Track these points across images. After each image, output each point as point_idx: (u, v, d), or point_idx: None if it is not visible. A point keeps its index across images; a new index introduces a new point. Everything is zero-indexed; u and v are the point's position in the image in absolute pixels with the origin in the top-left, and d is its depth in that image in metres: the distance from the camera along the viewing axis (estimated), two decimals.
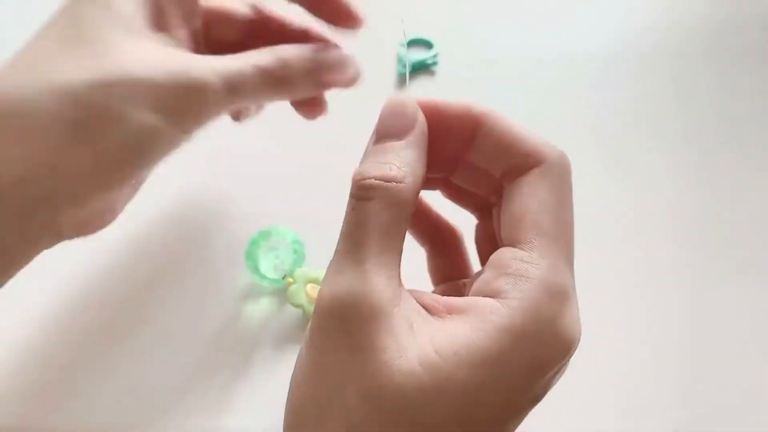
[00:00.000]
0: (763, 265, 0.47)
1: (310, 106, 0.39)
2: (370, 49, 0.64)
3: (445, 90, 0.58)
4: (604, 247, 0.47)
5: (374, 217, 0.21)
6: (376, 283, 0.20)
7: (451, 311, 0.22)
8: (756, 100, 0.58)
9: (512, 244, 0.22)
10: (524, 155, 0.23)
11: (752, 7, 0.66)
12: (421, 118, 0.23)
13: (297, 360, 0.23)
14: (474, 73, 0.60)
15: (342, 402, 0.20)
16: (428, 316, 0.22)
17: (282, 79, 0.30)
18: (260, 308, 0.43)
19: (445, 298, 0.23)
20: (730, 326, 0.44)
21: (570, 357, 0.21)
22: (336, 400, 0.20)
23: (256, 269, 0.43)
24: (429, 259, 0.31)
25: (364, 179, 0.22)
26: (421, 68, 0.59)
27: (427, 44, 0.61)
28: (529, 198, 0.22)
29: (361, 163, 0.23)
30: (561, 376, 0.23)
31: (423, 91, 0.58)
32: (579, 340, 0.21)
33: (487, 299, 0.21)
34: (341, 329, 0.20)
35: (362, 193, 0.22)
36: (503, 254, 0.22)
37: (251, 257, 0.43)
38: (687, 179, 0.52)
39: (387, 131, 0.23)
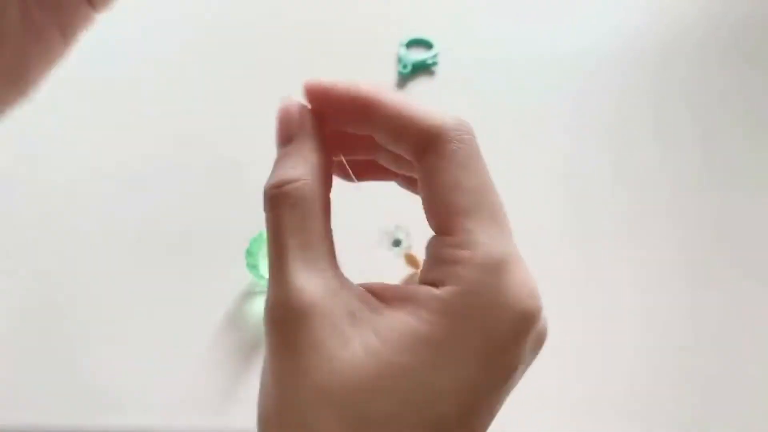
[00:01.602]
0: (763, 265, 0.47)
1: None
2: (370, 49, 0.64)
3: (445, 90, 0.58)
4: (604, 247, 0.47)
5: (284, 222, 0.22)
6: (301, 282, 0.21)
7: (397, 298, 0.22)
8: (758, 100, 0.58)
9: (438, 231, 0.22)
10: (417, 135, 0.23)
11: (756, 6, 0.66)
12: (306, 113, 0.24)
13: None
14: (474, 73, 0.60)
15: (295, 405, 0.20)
16: (375, 303, 0.22)
17: None
18: (260, 307, 0.43)
19: (393, 285, 0.23)
20: (729, 326, 0.44)
21: (532, 323, 0.21)
22: (289, 404, 0.20)
23: (255, 268, 0.43)
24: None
25: (265, 192, 0.23)
26: (421, 68, 0.59)
27: (427, 44, 0.61)
28: (434, 181, 0.22)
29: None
30: (537, 345, 0.22)
31: (423, 91, 0.58)
32: (534, 303, 0.21)
33: (425, 287, 0.21)
34: (280, 336, 0.21)
35: (267, 205, 0.23)
36: (433, 244, 0.22)
37: (251, 255, 0.43)
38: (690, 178, 0.52)
39: (280, 139, 0.24)
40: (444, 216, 0.22)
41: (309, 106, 0.24)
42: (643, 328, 0.44)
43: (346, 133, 0.25)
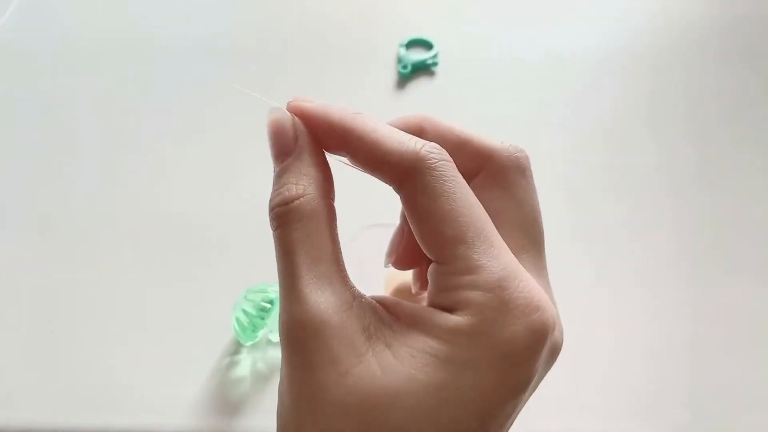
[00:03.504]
0: (763, 265, 0.47)
1: None
2: (370, 49, 0.64)
3: (445, 90, 0.58)
4: (604, 247, 0.47)
5: (292, 238, 0.22)
6: (315, 298, 0.21)
7: (409, 315, 0.22)
8: (755, 101, 0.58)
9: (435, 260, 0.22)
10: (392, 167, 0.22)
11: (752, 7, 0.66)
12: (299, 125, 0.24)
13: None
14: (474, 73, 0.60)
15: (313, 422, 0.20)
16: (387, 317, 0.22)
17: None
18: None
19: (402, 302, 0.23)
20: (729, 326, 0.44)
21: (544, 336, 0.21)
22: (308, 421, 0.21)
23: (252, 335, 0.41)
24: (400, 236, 0.30)
25: (271, 211, 0.23)
26: (421, 68, 0.59)
27: (427, 44, 0.61)
28: (418, 212, 0.22)
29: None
30: (552, 356, 0.23)
31: (423, 91, 0.58)
32: (542, 317, 0.21)
33: (437, 311, 0.21)
34: (296, 353, 0.21)
35: (274, 224, 0.23)
36: (436, 274, 0.22)
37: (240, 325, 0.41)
38: (689, 178, 0.52)
39: (275, 154, 0.24)
40: (437, 246, 0.22)
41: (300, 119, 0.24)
42: (642, 328, 0.44)
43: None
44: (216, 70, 0.60)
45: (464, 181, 0.22)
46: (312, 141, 0.24)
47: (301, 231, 0.22)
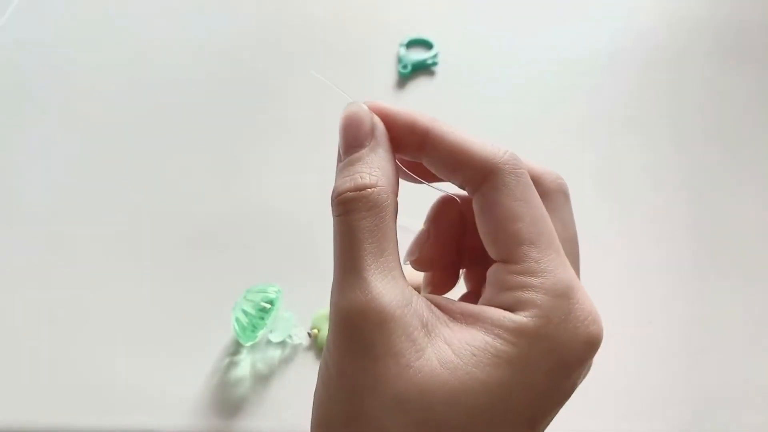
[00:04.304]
0: (760, 264, 0.47)
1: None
2: (370, 49, 0.64)
3: (445, 90, 0.58)
4: (603, 248, 0.47)
5: (360, 226, 0.22)
6: (380, 288, 0.21)
7: (464, 314, 0.22)
8: (754, 103, 0.58)
9: (502, 260, 0.23)
10: (473, 169, 0.23)
11: (751, 10, 0.66)
12: (377, 121, 0.24)
13: (319, 376, 0.23)
14: (473, 73, 0.60)
15: (369, 412, 0.20)
16: (441, 314, 0.22)
17: None
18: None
19: (455, 301, 0.23)
20: (727, 326, 0.44)
21: (595, 349, 0.22)
22: (363, 410, 0.20)
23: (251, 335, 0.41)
24: (425, 238, 0.30)
25: (339, 195, 0.23)
26: (421, 68, 0.59)
27: (427, 44, 0.61)
28: (495, 212, 0.23)
29: (335, 182, 0.24)
30: (586, 375, 0.23)
31: (423, 91, 0.58)
32: (598, 330, 0.22)
33: (498, 309, 0.22)
34: (355, 341, 0.21)
35: (341, 208, 0.22)
36: (499, 274, 0.23)
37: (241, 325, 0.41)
38: (687, 181, 0.52)
39: (349, 144, 0.24)
40: (509, 245, 0.22)
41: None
42: (642, 328, 0.44)
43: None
44: (215, 70, 0.60)
45: (536, 193, 0.23)
46: (388, 139, 0.24)
47: (370, 219, 0.22)
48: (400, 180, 0.27)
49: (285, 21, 0.64)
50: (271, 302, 0.40)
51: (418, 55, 0.60)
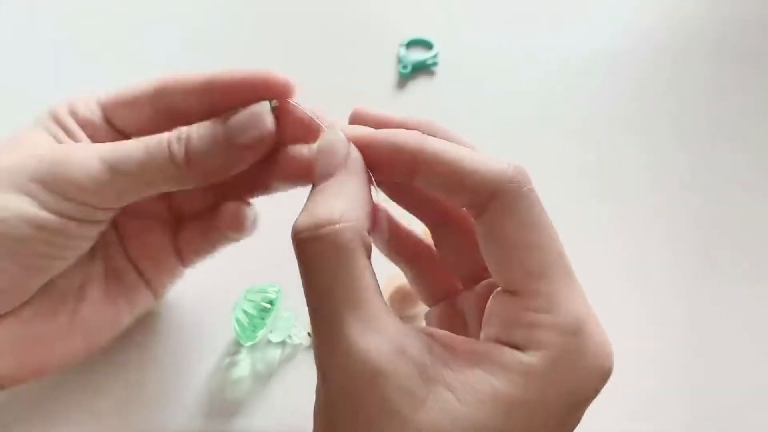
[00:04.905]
0: (761, 265, 0.47)
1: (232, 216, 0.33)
2: (370, 49, 0.64)
3: (445, 90, 0.58)
4: (603, 248, 0.47)
5: (325, 274, 0.19)
6: (362, 345, 0.19)
7: (468, 352, 0.20)
8: (755, 103, 0.58)
9: (510, 291, 0.21)
10: (474, 191, 0.21)
11: (752, 9, 0.66)
12: (352, 149, 0.22)
13: (314, 412, 0.22)
14: (474, 73, 0.60)
15: None
16: (442, 353, 0.20)
17: (178, 156, 0.26)
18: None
19: (461, 338, 0.21)
20: (728, 327, 0.44)
21: (607, 381, 0.21)
22: None
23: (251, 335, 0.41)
24: (412, 280, 0.29)
25: (297, 234, 0.20)
26: (421, 68, 0.59)
27: (427, 44, 0.61)
28: (500, 239, 0.21)
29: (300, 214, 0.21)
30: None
31: (423, 92, 0.58)
32: (611, 363, 0.21)
33: (507, 349, 0.20)
34: (345, 401, 0.19)
35: (299, 250, 0.20)
36: (507, 307, 0.21)
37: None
38: (690, 181, 0.52)
39: (319, 174, 0.21)
40: (518, 278, 0.21)
41: (353, 142, 0.22)
42: (642, 328, 0.44)
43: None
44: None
45: (544, 208, 0.21)
46: (363, 167, 0.22)
47: (337, 264, 0.19)
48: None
49: (284, 20, 0.64)
50: (271, 302, 0.40)
51: (418, 55, 0.60)
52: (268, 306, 0.40)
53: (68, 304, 0.31)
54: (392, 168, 0.22)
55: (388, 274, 0.37)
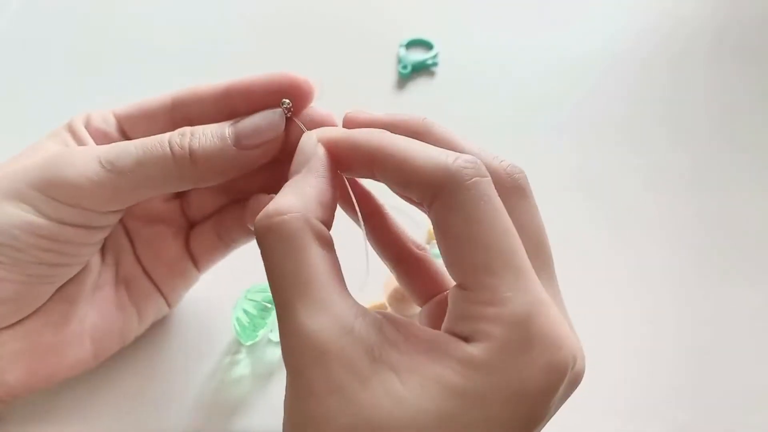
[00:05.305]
0: (759, 265, 0.47)
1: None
2: (370, 49, 0.64)
3: (445, 90, 0.58)
4: (603, 248, 0.48)
5: (276, 258, 0.21)
6: (309, 327, 0.20)
7: (420, 338, 0.21)
8: (755, 103, 0.58)
9: (459, 285, 0.22)
10: (422, 185, 0.21)
11: (751, 9, 0.66)
12: (319, 149, 0.24)
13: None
14: (474, 73, 0.60)
15: None
16: (395, 335, 0.21)
17: (180, 153, 0.26)
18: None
19: (414, 324, 0.22)
20: (728, 327, 0.44)
21: (563, 375, 0.21)
22: None
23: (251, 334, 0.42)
24: (399, 280, 0.30)
25: (257, 221, 0.22)
26: (421, 68, 0.59)
27: (427, 44, 0.61)
28: (447, 234, 0.21)
29: None
30: (570, 389, 0.22)
31: (423, 92, 0.58)
32: (562, 354, 0.20)
33: (454, 339, 0.21)
34: (295, 378, 0.20)
35: (257, 235, 0.22)
36: (457, 300, 0.22)
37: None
38: (689, 181, 0.52)
39: (291, 171, 0.24)
40: (464, 272, 0.21)
41: (323, 144, 0.24)
42: (641, 328, 0.44)
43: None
44: (214, 71, 0.60)
45: (499, 200, 0.21)
46: (328, 165, 0.23)
47: (286, 249, 0.21)
48: None
49: (283, 20, 0.64)
50: (271, 302, 0.40)
51: (418, 55, 0.60)
52: (269, 305, 0.40)
53: (79, 313, 0.31)
54: (354, 165, 0.23)
55: (388, 274, 0.37)
